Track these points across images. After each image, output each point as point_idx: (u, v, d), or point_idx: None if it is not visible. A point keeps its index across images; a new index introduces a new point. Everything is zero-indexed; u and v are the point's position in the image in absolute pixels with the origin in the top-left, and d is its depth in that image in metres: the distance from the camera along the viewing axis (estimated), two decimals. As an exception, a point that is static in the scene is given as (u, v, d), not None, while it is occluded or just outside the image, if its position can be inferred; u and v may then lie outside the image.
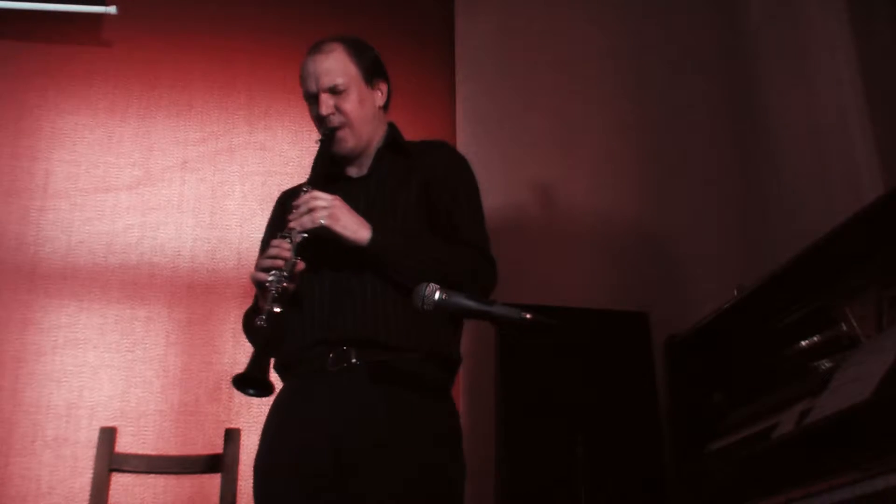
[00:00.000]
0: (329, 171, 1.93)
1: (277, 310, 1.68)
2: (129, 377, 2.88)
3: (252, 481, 1.82)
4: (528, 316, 1.56)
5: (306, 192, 1.79)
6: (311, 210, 1.74)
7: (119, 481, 2.60)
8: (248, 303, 2.02)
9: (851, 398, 1.72)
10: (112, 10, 3.16)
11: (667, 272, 3.20)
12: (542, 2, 3.52)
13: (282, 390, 1.85)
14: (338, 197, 1.77)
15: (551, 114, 3.34)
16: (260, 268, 1.75)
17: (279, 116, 3.27)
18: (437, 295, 1.61)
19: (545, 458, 2.59)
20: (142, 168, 3.14)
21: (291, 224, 1.75)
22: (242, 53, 3.32)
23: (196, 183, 3.15)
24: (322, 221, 1.73)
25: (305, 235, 1.74)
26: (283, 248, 1.73)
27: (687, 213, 3.26)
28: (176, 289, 3.01)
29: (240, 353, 2.91)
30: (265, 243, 1.95)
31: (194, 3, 3.37)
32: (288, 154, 3.20)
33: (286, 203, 1.95)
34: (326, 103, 1.87)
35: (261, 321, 1.67)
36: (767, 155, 3.20)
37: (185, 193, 3.13)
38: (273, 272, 1.71)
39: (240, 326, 2.05)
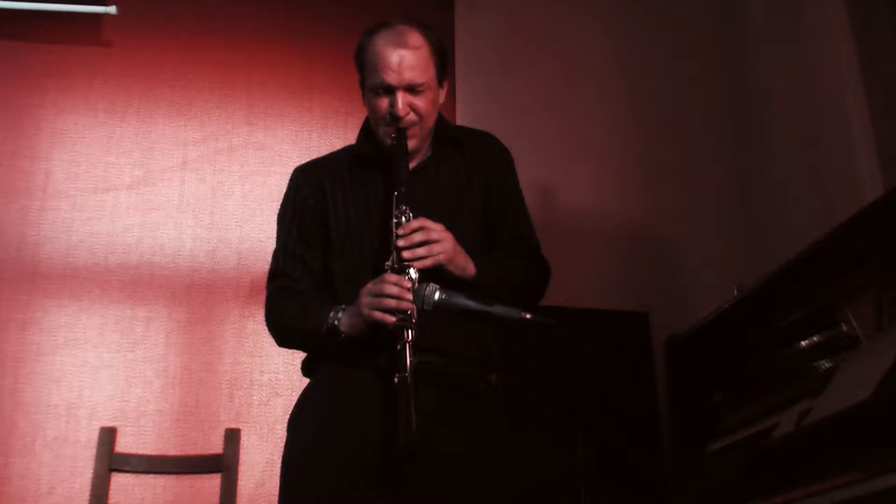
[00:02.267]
0: (368, 155, 1.90)
1: (413, 360, 1.62)
2: (129, 377, 2.88)
3: (289, 471, 1.76)
4: (527, 316, 1.56)
5: (413, 217, 1.72)
6: (427, 243, 1.69)
7: (119, 481, 2.59)
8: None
9: (851, 398, 1.72)
10: (112, 10, 3.16)
11: (667, 272, 3.20)
12: (541, 2, 3.53)
13: (325, 374, 1.81)
14: (448, 231, 1.74)
15: (551, 114, 3.34)
16: (381, 307, 1.65)
17: (279, 116, 3.27)
18: (436, 295, 1.61)
19: (545, 459, 2.59)
20: (142, 168, 3.14)
21: (405, 255, 1.68)
22: (242, 53, 3.32)
23: (196, 183, 3.15)
24: (441, 260, 1.70)
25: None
26: (402, 285, 1.65)
27: (687, 213, 3.27)
28: (176, 289, 3.01)
29: (239, 353, 2.92)
30: (288, 226, 1.90)
31: (194, 3, 3.37)
32: (288, 154, 3.20)
33: (318, 183, 1.89)
34: (405, 101, 1.80)
35: (405, 377, 1.60)
36: (767, 155, 3.20)
37: (185, 193, 3.13)
38: (398, 316, 1.64)
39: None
